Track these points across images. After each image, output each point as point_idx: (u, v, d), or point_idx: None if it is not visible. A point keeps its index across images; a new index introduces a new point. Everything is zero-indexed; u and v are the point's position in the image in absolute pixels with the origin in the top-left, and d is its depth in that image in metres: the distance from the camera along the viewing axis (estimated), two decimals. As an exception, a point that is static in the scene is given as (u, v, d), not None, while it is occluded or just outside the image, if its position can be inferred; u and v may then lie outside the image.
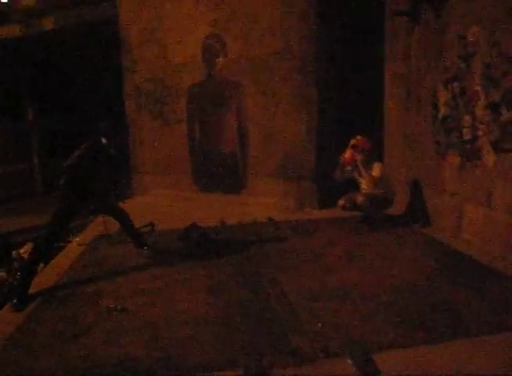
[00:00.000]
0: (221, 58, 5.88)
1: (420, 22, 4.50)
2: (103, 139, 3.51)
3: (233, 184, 6.08)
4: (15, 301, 3.03)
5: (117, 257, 3.99)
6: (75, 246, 4.40)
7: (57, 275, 3.59)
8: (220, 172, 6.16)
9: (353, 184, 4.76)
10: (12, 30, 8.55)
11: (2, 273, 4.31)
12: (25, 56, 9.53)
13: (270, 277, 3.38)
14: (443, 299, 2.88)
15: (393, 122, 5.24)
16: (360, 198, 4.42)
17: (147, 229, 4.80)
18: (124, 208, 4.01)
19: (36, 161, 10.65)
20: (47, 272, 3.62)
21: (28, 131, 10.37)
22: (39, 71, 9.66)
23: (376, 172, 4.42)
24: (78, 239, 4.58)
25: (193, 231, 4.23)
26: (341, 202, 4.61)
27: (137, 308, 2.94)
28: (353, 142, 4.50)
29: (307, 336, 2.48)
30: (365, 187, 4.55)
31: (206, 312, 2.83)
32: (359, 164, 4.47)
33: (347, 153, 4.51)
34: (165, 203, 6.09)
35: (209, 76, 6.04)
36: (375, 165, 4.47)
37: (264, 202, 5.64)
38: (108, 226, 4.24)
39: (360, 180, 4.61)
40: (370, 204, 4.40)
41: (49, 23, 8.79)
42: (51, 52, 9.51)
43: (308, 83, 5.31)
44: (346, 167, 4.60)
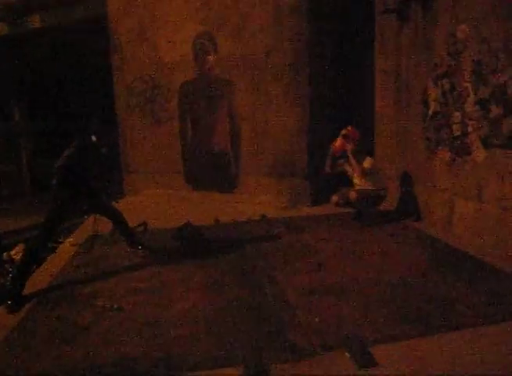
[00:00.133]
0: (212, 56, 5.87)
1: (409, 19, 4.55)
2: (93, 138, 3.49)
3: (226, 182, 6.08)
4: (9, 302, 2.99)
5: (111, 257, 3.97)
6: (68, 246, 4.36)
7: (51, 276, 3.55)
8: (212, 171, 6.15)
9: (346, 180, 4.80)
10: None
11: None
12: (11, 55, 9.38)
13: (266, 274, 3.40)
14: (437, 292, 2.93)
15: (383, 119, 5.29)
16: (353, 194, 4.46)
17: (140, 228, 4.78)
18: (117, 208, 3.99)
19: (24, 162, 10.52)
20: (40, 273, 3.58)
21: (16, 131, 10.22)
22: (26, 71, 9.52)
23: (367, 164, 4.48)
24: (71, 239, 4.54)
25: (187, 230, 4.22)
26: (334, 198, 4.65)
27: (134, 307, 2.93)
28: (344, 131, 4.59)
29: (304, 331, 2.50)
30: (357, 183, 4.60)
31: (203, 310, 2.83)
32: (349, 154, 4.53)
33: (337, 141, 4.61)
34: (157, 202, 6.07)
35: (200, 74, 6.02)
36: (367, 159, 4.54)
37: (257, 200, 5.66)
38: (98, 227, 4.21)
39: (352, 176, 4.65)
40: (363, 200, 4.45)
41: (36, 22, 8.67)
42: (38, 51, 9.38)
43: (300, 81, 5.34)
44: (336, 155, 4.68)
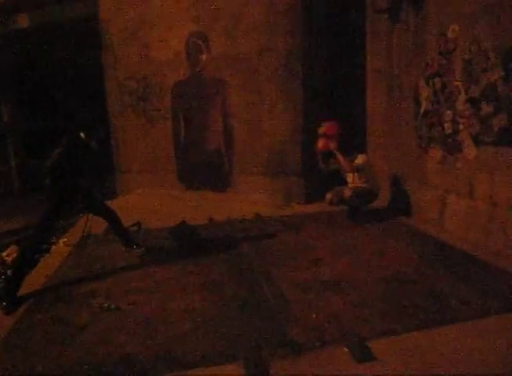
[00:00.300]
0: (205, 55, 5.86)
1: (401, 19, 4.61)
2: (81, 134, 3.47)
3: (219, 181, 6.08)
4: (4, 303, 2.97)
5: (106, 257, 3.96)
6: (62, 246, 4.33)
7: (46, 276, 3.53)
8: (206, 170, 6.15)
9: (339, 179, 4.85)
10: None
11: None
12: (2, 54, 9.24)
13: (262, 271, 3.42)
14: (430, 287, 2.99)
15: (376, 117, 5.35)
16: (347, 192, 4.51)
17: (134, 228, 4.77)
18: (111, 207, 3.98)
19: (13, 163, 10.37)
20: (35, 273, 3.55)
21: (4, 132, 10.07)
22: (14, 70, 9.39)
23: (359, 161, 4.51)
24: (65, 239, 4.51)
25: (183, 229, 4.23)
26: (329, 196, 4.69)
27: (131, 306, 2.92)
28: (321, 130, 4.56)
29: (303, 327, 2.53)
30: (351, 181, 4.65)
31: (201, 308, 2.85)
32: (334, 152, 4.51)
33: (319, 142, 4.59)
34: (151, 202, 6.05)
35: (193, 73, 6.01)
36: (359, 156, 4.57)
37: (251, 198, 5.68)
38: (89, 227, 4.18)
39: (346, 174, 4.69)
40: (357, 198, 4.50)
41: (24, 21, 8.55)
42: (26, 51, 9.25)
43: (293, 79, 5.37)
44: (321, 151, 4.65)
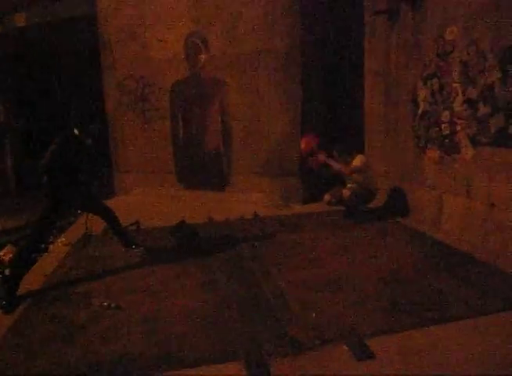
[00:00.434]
0: (204, 55, 5.87)
1: (399, 20, 4.64)
2: (75, 131, 3.46)
3: (218, 181, 6.09)
4: (4, 303, 2.96)
5: (105, 256, 3.95)
6: (60, 246, 4.32)
7: (45, 276, 3.52)
8: (204, 170, 6.16)
9: (338, 179, 4.87)
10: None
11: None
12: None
13: (261, 271, 3.44)
14: (429, 286, 3.02)
15: (374, 117, 5.38)
16: (345, 192, 4.53)
17: (133, 227, 4.78)
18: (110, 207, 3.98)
19: (9, 163, 10.33)
20: (34, 273, 3.54)
21: (1, 131, 10.02)
22: (12, 70, 9.34)
23: (357, 162, 4.54)
24: (64, 239, 4.50)
25: (182, 228, 4.23)
26: (327, 197, 4.72)
27: (130, 305, 2.93)
28: (303, 153, 4.92)
29: (302, 326, 2.55)
30: (349, 182, 4.67)
31: (201, 307, 2.85)
32: (327, 162, 4.60)
33: (301, 143, 4.93)
34: (149, 201, 6.04)
35: (192, 73, 6.02)
36: (357, 157, 4.60)
37: (250, 198, 5.69)
38: (90, 226, 4.18)
39: (345, 176, 4.72)
40: (355, 198, 4.52)
41: (21, 20, 8.52)
42: (24, 50, 9.21)
43: (292, 80, 5.39)
44: (307, 152, 4.90)
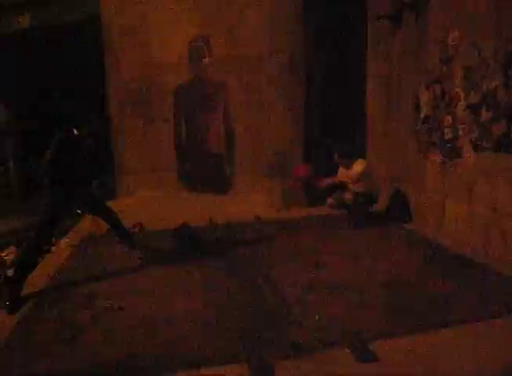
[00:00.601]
0: (207, 58, 5.91)
1: (402, 25, 4.67)
2: (74, 131, 3.49)
3: (220, 183, 6.12)
4: (8, 303, 2.98)
5: (108, 257, 3.97)
6: (63, 247, 4.34)
7: (48, 276, 3.54)
8: (207, 172, 6.18)
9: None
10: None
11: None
12: (1, 54, 9.22)
13: (263, 273, 3.44)
14: (430, 291, 3.02)
15: (376, 121, 5.40)
16: (348, 196, 4.55)
17: (135, 229, 4.79)
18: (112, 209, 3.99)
19: (11, 164, 10.36)
20: (38, 273, 3.56)
21: (3, 132, 10.05)
22: (14, 70, 9.37)
23: (358, 168, 4.56)
24: (67, 240, 4.52)
25: (184, 231, 4.25)
26: (329, 200, 4.74)
27: (133, 307, 2.94)
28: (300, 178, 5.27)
29: (305, 328, 2.55)
30: (352, 186, 4.68)
31: (203, 309, 2.86)
32: (331, 182, 4.77)
33: (296, 171, 5.29)
34: (152, 203, 6.06)
35: (195, 76, 6.06)
36: (359, 162, 4.61)
37: (251, 201, 5.70)
38: (98, 226, 4.21)
39: (347, 180, 4.74)
40: (358, 202, 4.53)
41: (25, 21, 8.56)
42: (27, 51, 9.24)
43: (295, 82, 5.42)
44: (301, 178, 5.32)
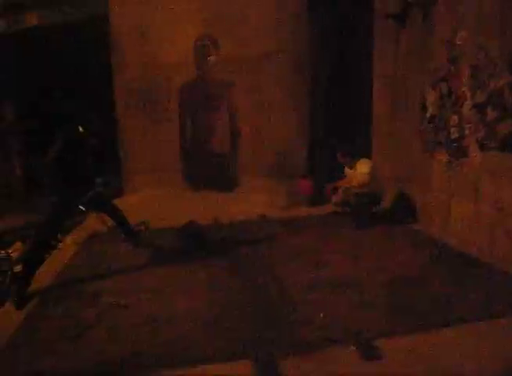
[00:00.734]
0: (212, 58, 5.93)
1: (409, 25, 4.65)
2: (79, 128, 3.51)
3: (225, 182, 6.13)
4: (15, 299, 3.01)
5: (113, 255, 4.00)
6: (69, 244, 4.37)
7: (55, 273, 3.57)
8: (212, 171, 6.20)
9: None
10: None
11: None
12: (4, 53, 9.28)
13: (268, 272, 3.46)
14: (435, 290, 3.02)
15: (381, 121, 5.38)
16: (352, 195, 4.54)
17: (141, 227, 4.81)
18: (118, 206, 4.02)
19: (16, 162, 10.43)
20: (45, 270, 3.59)
21: (8, 131, 10.11)
22: (19, 69, 9.43)
23: (363, 169, 4.54)
24: (72, 237, 4.55)
25: (190, 229, 4.26)
26: (334, 199, 4.73)
27: (138, 304, 2.97)
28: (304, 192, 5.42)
29: (310, 326, 2.57)
30: (356, 184, 4.67)
31: (208, 307, 2.88)
32: (337, 188, 4.83)
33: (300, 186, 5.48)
34: (157, 202, 6.08)
35: (200, 75, 6.07)
36: (363, 162, 4.59)
37: (256, 200, 5.71)
38: (104, 223, 4.23)
39: (352, 180, 4.73)
40: (362, 201, 4.53)
41: (33, 19, 8.60)
42: (32, 50, 9.29)
43: (300, 82, 5.43)
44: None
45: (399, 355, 2.26)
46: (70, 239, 4.50)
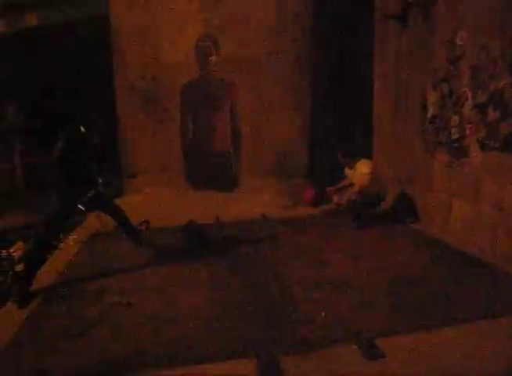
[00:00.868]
0: (214, 57, 5.94)
1: (410, 25, 4.66)
2: (81, 128, 3.52)
3: (227, 182, 6.14)
4: (17, 298, 3.02)
5: (115, 254, 4.01)
6: (71, 243, 4.38)
7: (57, 272, 3.58)
8: (213, 170, 6.21)
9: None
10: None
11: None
12: (7, 53, 9.29)
13: (269, 271, 3.47)
14: (436, 289, 3.03)
15: (383, 121, 5.40)
16: (354, 195, 4.55)
17: (142, 226, 4.82)
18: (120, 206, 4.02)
19: (17, 161, 10.44)
20: (47, 269, 3.59)
21: (9, 130, 10.13)
22: (20, 69, 9.44)
23: (363, 169, 4.55)
24: (75, 236, 4.56)
25: (191, 228, 4.27)
26: (336, 199, 4.75)
27: (140, 303, 2.98)
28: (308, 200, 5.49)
29: (312, 325, 2.57)
30: (357, 184, 4.68)
31: (209, 306, 2.89)
32: (339, 191, 4.88)
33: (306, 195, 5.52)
34: (158, 201, 6.09)
35: (202, 75, 6.08)
36: (363, 162, 4.59)
37: (257, 199, 5.72)
38: (104, 223, 4.24)
39: (353, 180, 4.74)
40: (363, 201, 4.54)
41: (33, 19, 8.61)
42: (35, 49, 9.30)
43: (301, 82, 5.44)
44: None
45: (400, 354, 2.27)
46: (72, 238, 4.52)
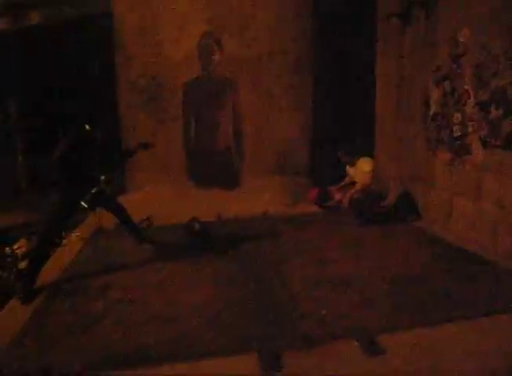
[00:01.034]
0: (216, 56, 5.94)
1: (412, 23, 4.65)
2: (86, 126, 3.53)
3: (229, 180, 6.15)
4: (21, 295, 3.04)
5: (118, 251, 4.03)
6: (74, 240, 4.40)
7: (60, 269, 3.61)
8: (215, 169, 6.22)
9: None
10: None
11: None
12: (9, 51, 9.31)
13: (270, 268, 3.48)
14: (438, 286, 3.03)
15: (385, 120, 5.39)
16: (355, 193, 4.56)
17: (145, 224, 4.84)
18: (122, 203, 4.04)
19: (20, 159, 10.49)
20: (51, 266, 3.62)
21: (12, 129, 10.16)
22: (23, 68, 9.46)
23: (366, 168, 4.57)
24: (77, 233, 4.58)
25: (195, 225, 4.29)
26: (337, 197, 4.76)
27: (143, 299, 3.00)
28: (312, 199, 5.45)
29: (313, 322, 2.59)
30: (359, 182, 4.70)
31: (211, 302, 2.91)
32: (343, 191, 4.92)
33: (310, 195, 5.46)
34: (161, 199, 6.10)
35: (204, 74, 6.09)
36: (364, 161, 4.60)
37: (259, 197, 5.72)
38: (101, 220, 4.26)
39: (355, 179, 4.76)
40: (365, 199, 4.55)
41: (35, 18, 8.63)
42: (37, 48, 9.32)
43: (303, 81, 5.44)
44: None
45: (401, 350, 2.28)
46: (75, 235, 4.54)
